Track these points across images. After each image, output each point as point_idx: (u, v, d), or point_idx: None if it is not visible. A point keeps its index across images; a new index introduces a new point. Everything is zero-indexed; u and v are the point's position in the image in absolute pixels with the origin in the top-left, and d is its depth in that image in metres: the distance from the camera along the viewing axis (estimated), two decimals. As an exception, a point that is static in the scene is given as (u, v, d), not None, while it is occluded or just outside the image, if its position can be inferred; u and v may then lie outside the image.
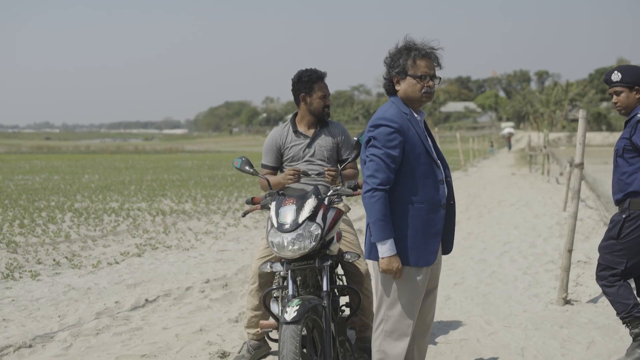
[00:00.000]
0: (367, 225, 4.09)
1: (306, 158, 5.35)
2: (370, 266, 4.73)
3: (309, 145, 5.36)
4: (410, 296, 4.12)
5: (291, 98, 5.41)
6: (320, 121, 5.42)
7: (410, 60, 4.05)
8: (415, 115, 4.15)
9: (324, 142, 5.39)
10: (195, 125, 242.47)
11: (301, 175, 5.20)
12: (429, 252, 4.10)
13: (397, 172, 4.02)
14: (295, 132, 5.39)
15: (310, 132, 5.40)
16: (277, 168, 5.42)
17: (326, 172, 5.10)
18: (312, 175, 5.26)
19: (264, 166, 5.47)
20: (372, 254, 4.10)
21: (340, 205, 5.23)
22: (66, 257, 9.93)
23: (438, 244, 4.17)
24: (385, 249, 3.95)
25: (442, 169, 4.19)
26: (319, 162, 5.36)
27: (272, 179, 5.28)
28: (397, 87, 4.10)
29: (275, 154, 5.40)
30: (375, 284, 4.25)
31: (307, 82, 5.28)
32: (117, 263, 9.61)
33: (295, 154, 5.36)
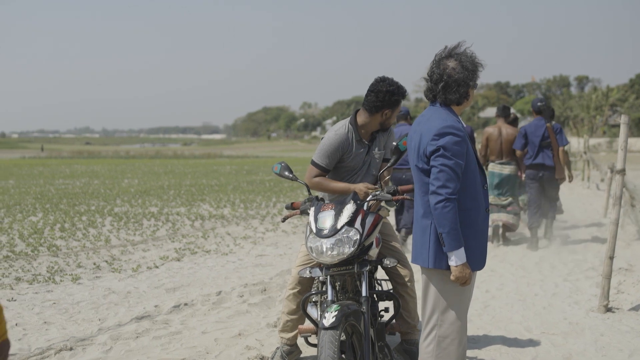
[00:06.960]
0: (432, 235, 4.06)
1: (364, 168, 5.29)
2: (417, 271, 4.68)
3: (367, 154, 5.28)
4: (464, 300, 4.17)
5: (328, 103, 5.45)
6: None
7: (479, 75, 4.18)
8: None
9: (377, 150, 5.32)
10: (233, 131, 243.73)
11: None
12: (481, 256, 4.16)
13: None
14: (359, 140, 5.25)
15: (367, 139, 5.30)
16: (329, 171, 5.27)
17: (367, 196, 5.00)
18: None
19: (317, 166, 5.23)
20: (437, 262, 4.06)
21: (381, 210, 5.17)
22: (106, 261, 10.04)
23: (486, 248, 4.21)
24: (459, 257, 3.96)
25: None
26: (374, 173, 5.32)
27: (334, 184, 5.21)
28: (468, 98, 4.15)
29: (337, 158, 5.21)
30: (425, 289, 4.21)
31: (396, 101, 5.17)
32: (157, 267, 9.69)
33: (355, 163, 5.25)
